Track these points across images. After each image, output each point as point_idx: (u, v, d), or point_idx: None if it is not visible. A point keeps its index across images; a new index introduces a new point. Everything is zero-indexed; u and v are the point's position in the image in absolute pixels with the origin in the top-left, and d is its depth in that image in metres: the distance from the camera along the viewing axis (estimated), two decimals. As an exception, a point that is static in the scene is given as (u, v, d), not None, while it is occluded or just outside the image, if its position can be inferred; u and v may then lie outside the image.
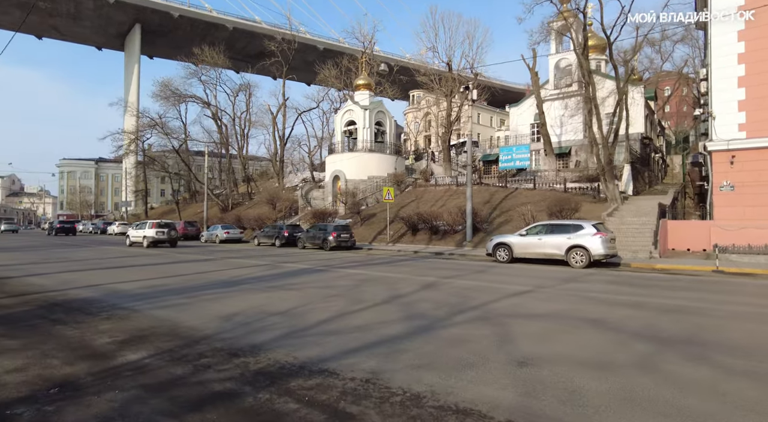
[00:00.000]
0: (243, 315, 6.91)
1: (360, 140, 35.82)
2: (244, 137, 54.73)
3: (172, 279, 11.30)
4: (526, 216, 20.40)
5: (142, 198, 60.35)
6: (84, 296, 8.66)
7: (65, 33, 72.19)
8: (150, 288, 9.76)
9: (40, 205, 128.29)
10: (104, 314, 7.04)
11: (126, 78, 75.84)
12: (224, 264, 15.03)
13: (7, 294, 9.12)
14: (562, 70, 39.03)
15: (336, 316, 6.79)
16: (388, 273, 12.20)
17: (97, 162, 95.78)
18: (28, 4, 59.64)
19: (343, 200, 31.99)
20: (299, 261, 16.39)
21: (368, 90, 37.26)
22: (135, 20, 70.00)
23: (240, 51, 72.81)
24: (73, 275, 12.23)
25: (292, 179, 53.55)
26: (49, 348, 5.24)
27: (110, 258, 17.50)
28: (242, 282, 10.78)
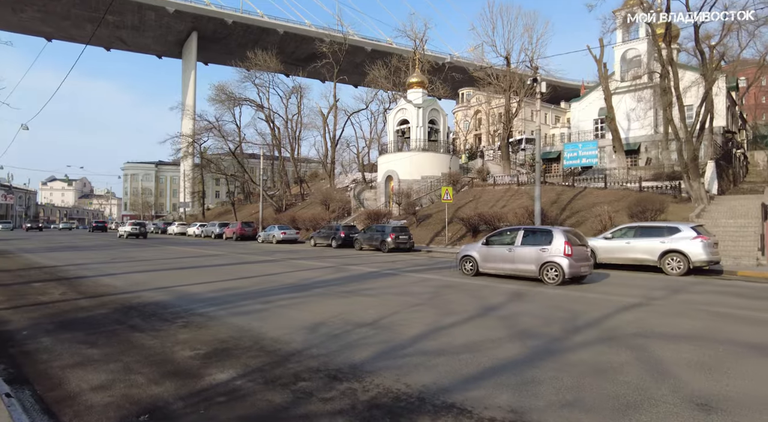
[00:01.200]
0: (327, 326, 6.25)
1: (413, 139, 34.98)
2: (296, 139, 55.43)
3: (241, 281, 10.93)
4: (602, 217, 18.77)
5: (199, 199, 62.51)
6: (157, 299, 8.36)
7: (130, 44, 76.34)
8: (221, 291, 9.38)
9: (107, 206, 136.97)
10: (180, 321, 6.60)
11: (183, 84, 79.14)
12: (288, 266, 14.65)
13: (84, 294, 9.01)
14: (629, 61, 36.42)
15: (432, 331, 5.97)
16: (464, 279, 11.26)
17: (157, 165, 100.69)
18: (98, 19, 63.45)
19: (396, 200, 31.25)
20: (362, 263, 15.76)
21: (421, 88, 36.34)
22: (192, 28, 72.85)
23: (290, 55, 74.15)
24: (142, 276, 12.19)
25: (343, 180, 53.59)
26: (131, 360, 4.77)
27: (174, 259, 17.65)
28: (312, 285, 10.22)
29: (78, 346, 5.30)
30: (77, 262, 15.74)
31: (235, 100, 50.40)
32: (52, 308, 7.64)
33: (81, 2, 61.79)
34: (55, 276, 12.06)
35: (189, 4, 68.81)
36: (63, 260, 16.51)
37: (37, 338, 5.72)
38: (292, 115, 54.30)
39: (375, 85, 51.34)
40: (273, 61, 49.42)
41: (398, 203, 31.12)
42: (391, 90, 49.41)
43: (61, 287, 10.06)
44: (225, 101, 50.59)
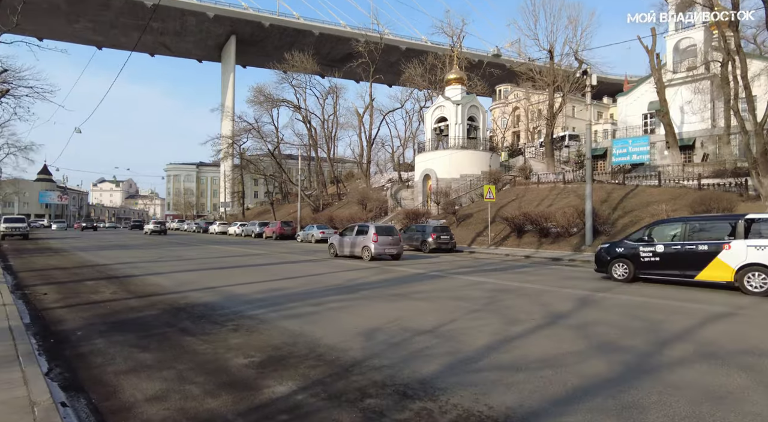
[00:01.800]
0: (384, 333, 5.83)
1: (452, 137, 34.23)
2: (332, 139, 55.71)
3: (286, 282, 10.71)
4: (659, 217, 17.53)
5: (239, 199, 63.86)
6: (205, 300, 8.20)
7: (173, 49, 79.01)
8: (268, 292, 9.16)
9: (151, 206, 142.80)
10: (230, 324, 6.35)
11: (223, 86, 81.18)
12: (330, 266, 14.40)
13: (134, 294, 8.99)
14: (682, 51, 34.27)
15: (501, 341, 5.44)
16: (518, 283, 10.61)
17: (198, 166, 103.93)
18: (144, 26, 65.95)
19: (435, 200, 30.63)
20: (405, 264, 15.31)
21: (460, 84, 35.52)
22: (231, 32, 74.55)
23: (325, 56, 74.62)
24: (188, 275, 12.20)
25: (378, 179, 53.37)
26: (184, 367, 4.50)
27: (218, 258, 17.78)
28: (359, 287, 9.85)
29: (130, 350, 5.11)
30: (126, 261, 16.09)
31: (273, 102, 51.12)
32: (104, 308, 7.60)
33: (128, 11, 64.37)
34: (105, 274, 12.26)
35: (227, 9, 70.46)
36: (113, 258, 16.94)
37: (90, 339, 5.59)
38: (328, 115, 54.64)
39: (410, 84, 50.88)
40: (309, 62, 49.75)
41: (437, 202, 30.50)
42: (426, 88, 48.79)
43: (111, 286, 10.14)
44: (263, 102, 51.45)
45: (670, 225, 10.84)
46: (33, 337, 5.53)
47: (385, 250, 16.39)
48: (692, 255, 9.82)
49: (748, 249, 9.07)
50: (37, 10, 57.65)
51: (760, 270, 8.89)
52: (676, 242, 10.22)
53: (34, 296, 8.87)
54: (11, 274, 12.51)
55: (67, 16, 65.27)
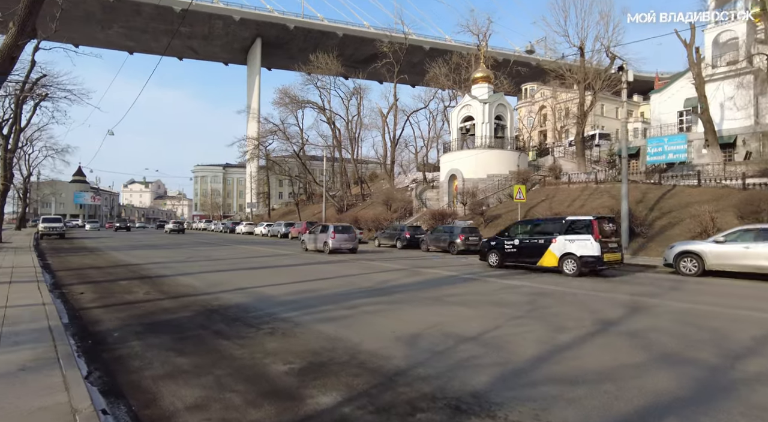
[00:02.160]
0: (426, 339, 5.56)
1: (478, 136, 33.66)
2: (356, 140, 55.77)
3: (317, 283, 10.56)
4: (701, 218, 16.70)
5: (264, 200, 64.60)
6: (237, 302, 8.10)
7: (200, 52, 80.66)
8: (299, 293, 9.02)
9: (179, 207, 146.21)
10: (266, 327, 6.20)
11: (248, 89, 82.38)
12: (360, 267, 14.20)
13: (167, 295, 8.99)
14: (722, 45, 32.77)
15: (552, 351, 5.10)
16: (557, 287, 10.17)
17: (224, 167, 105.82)
18: (173, 31, 67.51)
19: (462, 200, 30.16)
20: (435, 266, 14.99)
21: (487, 82, 34.92)
22: (256, 35, 75.57)
23: (349, 57, 74.84)
24: (218, 276, 12.20)
25: (402, 180, 53.12)
26: (222, 373, 4.34)
27: (246, 258, 17.84)
28: (392, 290, 9.60)
29: (167, 354, 4.99)
30: (157, 260, 16.28)
31: (298, 103, 51.50)
32: (138, 308, 7.58)
33: (158, 16, 66.00)
34: (138, 274, 12.38)
35: (253, 12, 71.46)
36: (144, 258, 17.19)
37: (127, 342, 5.51)
38: (352, 116, 54.76)
39: (434, 84, 50.49)
40: (333, 63, 49.92)
41: (463, 203, 30.02)
42: (451, 88, 48.31)
43: (144, 286, 10.18)
44: (288, 104, 51.90)
45: (523, 225, 14.43)
46: (71, 338, 5.48)
47: (341, 245, 19.83)
48: (534, 247, 13.12)
49: (566, 242, 12.31)
50: (73, 18, 59.63)
51: (572, 258, 12.14)
52: (525, 237, 13.54)
53: (71, 295, 8.96)
54: (49, 273, 12.78)
55: (101, 23, 67.40)
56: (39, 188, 66.08)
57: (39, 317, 6.18)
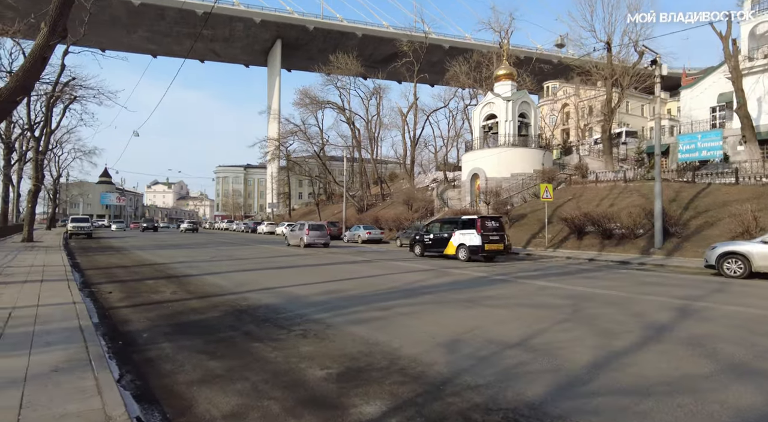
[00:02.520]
0: (467, 344, 5.25)
1: (501, 134, 33.03)
2: (375, 140, 55.60)
3: (343, 283, 10.34)
4: (743, 218, 15.88)
5: (284, 200, 65.00)
6: (266, 302, 7.92)
7: (221, 55, 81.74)
8: (327, 294, 8.80)
9: (201, 207, 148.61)
10: (297, 329, 5.98)
11: (269, 90, 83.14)
12: (384, 268, 13.94)
13: (194, 294, 8.88)
14: (759, 37, 31.42)
15: (607, 358, 4.73)
16: (592, 288, 9.71)
17: (245, 168, 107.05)
18: (195, 34, 68.59)
19: (485, 200, 29.61)
20: (464, 267, 14.60)
21: (510, 80, 34.24)
22: (276, 36, 76.15)
23: (368, 57, 74.80)
24: (244, 275, 12.10)
25: (423, 180, 52.69)
26: (257, 379, 4.12)
27: (270, 258, 17.77)
28: (422, 291, 9.30)
29: (199, 357, 4.81)
30: (181, 260, 16.33)
31: (318, 104, 51.58)
32: (166, 308, 7.46)
33: (181, 19, 67.10)
34: (164, 273, 12.38)
35: (273, 14, 72.03)
36: (169, 257, 17.28)
37: (157, 343, 5.36)
38: (372, 116, 54.59)
39: (454, 82, 49.98)
40: (353, 63, 49.87)
41: (486, 202, 29.47)
42: (471, 86, 47.74)
43: (171, 285, 10.13)
44: (308, 105, 52.03)
45: (436, 223, 19.26)
46: (102, 338, 5.36)
47: (315, 240, 23.99)
48: (442, 239, 17.44)
49: (460, 235, 16.53)
50: (100, 22, 61.03)
51: (464, 248, 16.36)
52: (437, 232, 17.94)
53: (100, 294, 8.94)
54: (78, 272, 12.89)
55: (126, 27, 68.87)
56: (68, 189, 67.87)
57: (70, 316, 6.09)
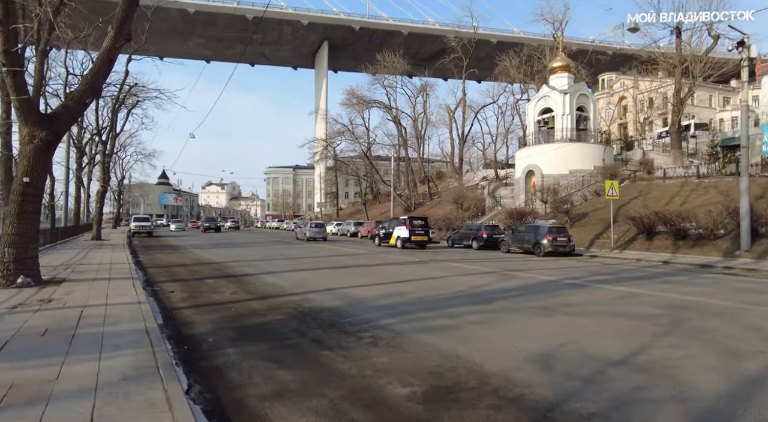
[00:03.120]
0: (561, 360, 4.62)
1: (558, 129, 31.42)
2: (422, 138, 54.86)
3: (402, 286, 9.88)
4: None
5: (332, 199, 65.67)
6: (329, 305, 7.59)
7: (270, 58, 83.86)
8: (388, 297, 8.36)
9: (251, 207, 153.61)
10: (366, 336, 5.56)
11: (316, 91, 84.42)
12: (441, 269, 13.34)
13: (254, 295, 8.71)
14: None
15: (743, 384, 3.95)
16: (685, 296, 8.68)
17: (294, 169, 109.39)
18: (246, 39, 70.75)
19: (541, 198, 28.26)
20: (526, 269, 13.75)
21: (567, 72, 32.53)
22: (323, 38, 77.11)
23: (414, 55, 74.07)
24: (301, 275, 11.92)
25: (471, 178, 51.43)
26: (335, 396, 3.70)
27: (323, 258, 17.63)
28: (489, 295, 8.66)
29: (267, 365, 4.48)
30: (238, 259, 16.49)
31: (365, 103, 51.60)
32: (228, 310, 7.29)
33: (232, 25, 69.36)
34: (222, 272, 12.43)
35: (320, 15, 72.97)
36: (225, 256, 17.53)
37: (222, 349, 5.10)
38: (418, 114, 53.88)
39: (503, 78, 48.51)
40: (400, 61, 49.51)
41: (543, 201, 28.12)
42: (522, 81, 46.15)
43: (231, 285, 10.07)
44: (355, 105, 52.20)
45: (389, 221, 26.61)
46: (167, 341, 5.18)
47: (315, 235, 30.44)
48: (389, 233, 24.01)
49: (398, 230, 23.15)
50: (158, 31, 63.88)
51: (402, 239, 22.72)
52: (388, 228, 24.71)
53: (162, 293, 8.98)
54: (142, 270, 13.24)
55: (182, 35, 72.08)
56: (130, 190, 71.92)
57: (136, 317, 6.00)
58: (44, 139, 8.83)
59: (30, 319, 5.77)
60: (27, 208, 8.85)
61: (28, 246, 8.88)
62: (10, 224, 8.71)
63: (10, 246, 8.61)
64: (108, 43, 9.50)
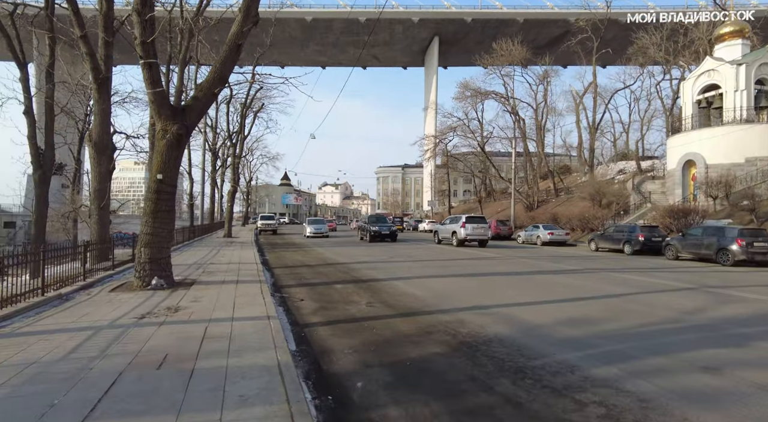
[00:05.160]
0: None
1: (728, 109, 25.59)
2: (542, 130, 50.13)
3: (580, 306, 7.60)
4: None
5: (443, 198, 63.78)
6: (494, 332, 5.73)
7: (382, 59, 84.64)
8: (573, 324, 6.21)
9: (362, 206, 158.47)
10: (588, 401, 3.58)
11: (426, 89, 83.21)
12: (614, 282, 10.55)
13: (393, 309, 7.20)
14: None
15: None
16: None
17: (403, 168, 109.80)
18: (359, 42, 72.25)
19: (709, 192, 23.10)
20: (730, 285, 10.38)
21: (740, 38, 26.42)
22: (434, 34, 75.45)
23: (530, 43, 68.62)
24: (437, 283, 10.23)
25: (604, 171, 45.48)
26: None
27: (450, 261, 15.81)
28: (730, 331, 5.97)
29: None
30: (361, 259, 15.45)
31: (481, 95, 48.70)
32: (369, 331, 5.83)
33: (346, 29, 71.17)
34: (350, 275, 11.33)
35: (431, 11, 71.43)
36: (347, 256, 16.69)
37: (380, 404, 3.55)
38: (538, 104, 49.32)
39: (639, 58, 42.17)
40: (518, 49, 45.81)
41: (712, 196, 22.98)
42: (663, 60, 39.60)
43: (362, 292, 8.77)
44: (469, 98, 49.58)
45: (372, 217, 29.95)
46: (305, 384, 3.78)
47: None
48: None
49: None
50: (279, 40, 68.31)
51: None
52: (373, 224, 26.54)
53: (291, 301, 7.95)
54: (268, 270, 12.77)
55: (300, 42, 76.02)
56: (257, 191, 77.96)
57: (265, 340, 4.78)
58: (175, 133, 8.36)
59: (152, 337, 4.86)
60: (161, 206, 8.47)
61: (162, 247, 8.50)
62: (145, 223, 8.39)
63: (146, 245, 8.28)
64: (235, 28, 8.81)
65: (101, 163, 11.44)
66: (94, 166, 11.48)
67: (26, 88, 14.67)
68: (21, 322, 5.56)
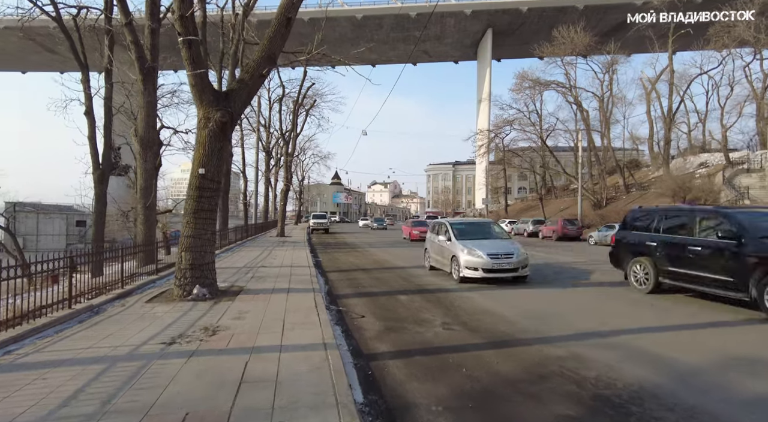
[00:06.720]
0: None
1: None
2: (608, 121, 46.23)
3: (726, 333, 5.73)
4: None
5: (496, 196, 61.00)
6: (638, 377, 4.09)
7: (432, 55, 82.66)
8: (746, 368, 4.43)
9: (411, 204, 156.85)
10: None
11: (478, 83, 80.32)
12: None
13: (479, 335, 5.69)
14: None
15: None
16: None
17: (454, 165, 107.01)
18: (409, 38, 70.75)
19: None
20: None
21: None
22: (487, 26, 72.54)
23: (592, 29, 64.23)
24: (519, 298, 8.60)
25: (681, 165, 41.12)
26: None
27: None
28: None
29: None
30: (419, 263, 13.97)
31: (541, 85, 45.71)
32: (456, 372, 4.36)
33: (396, 25, 69.90)
34: (412, 283, 9.96)
35: (484, 2, 68.63)
36: (404, 258, 15.30)
37: None
38: (603, 93, 45.50)
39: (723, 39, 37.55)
40: (582, 36, 42.46)
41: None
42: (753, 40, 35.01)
43: (431, 307, 7.36)
44: (527, 89, 46.72)
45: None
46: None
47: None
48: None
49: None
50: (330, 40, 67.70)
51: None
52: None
53: (350, 318, 6.65)
54: (322, 274, 11.66)
55: (351, 41, 75.49)
56: (308, 190, 78.61)
57: (323, 388, 3.46)
58: (219, 120, 7.31)
59: (175, 379, 3.67)
60: (203, 205, 7.45)
61: (205, 251, 7.47)
62: (187, 224, 7.39)
63: (187, 249, 7.28)
64: (284, 1, 7.68)
65: (146, 159, 10.77)
66: (140, 163, 10.83)
67: (87, 88, 14.59)
68: (31, 346, 4.60)
